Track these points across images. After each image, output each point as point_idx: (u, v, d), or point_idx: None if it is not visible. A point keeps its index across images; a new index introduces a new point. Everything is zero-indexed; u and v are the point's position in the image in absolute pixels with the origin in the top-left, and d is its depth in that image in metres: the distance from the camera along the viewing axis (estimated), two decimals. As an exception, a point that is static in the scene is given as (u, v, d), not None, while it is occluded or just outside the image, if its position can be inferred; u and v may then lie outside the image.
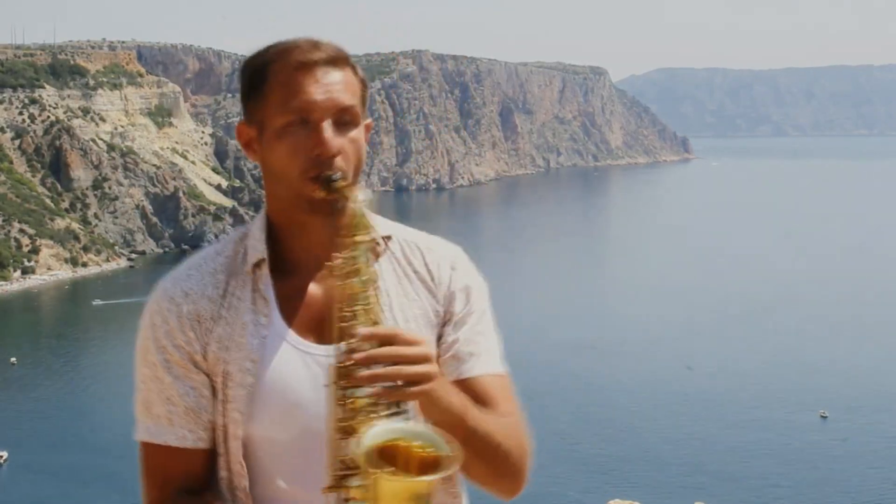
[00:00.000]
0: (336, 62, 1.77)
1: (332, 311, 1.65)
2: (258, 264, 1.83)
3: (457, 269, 1.91)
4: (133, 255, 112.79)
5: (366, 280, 1.64)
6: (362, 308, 1.63)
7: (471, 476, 1.82)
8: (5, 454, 51.10)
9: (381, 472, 1.47)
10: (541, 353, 62.14)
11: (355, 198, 1.68)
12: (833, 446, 51.82)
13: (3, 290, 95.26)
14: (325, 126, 1.73)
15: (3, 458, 50.82)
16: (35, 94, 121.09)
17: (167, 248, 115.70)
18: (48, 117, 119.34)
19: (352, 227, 1.66)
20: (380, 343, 1.58)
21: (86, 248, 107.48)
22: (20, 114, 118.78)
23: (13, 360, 70.59)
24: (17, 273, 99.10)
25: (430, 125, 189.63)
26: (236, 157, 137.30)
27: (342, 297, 1.64)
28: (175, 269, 1.90)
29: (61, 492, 46.30)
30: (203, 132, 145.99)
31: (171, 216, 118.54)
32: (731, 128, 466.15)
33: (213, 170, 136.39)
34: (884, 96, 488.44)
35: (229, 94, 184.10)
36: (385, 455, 1.51)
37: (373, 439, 1.51)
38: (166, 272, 1.88)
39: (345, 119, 1.76)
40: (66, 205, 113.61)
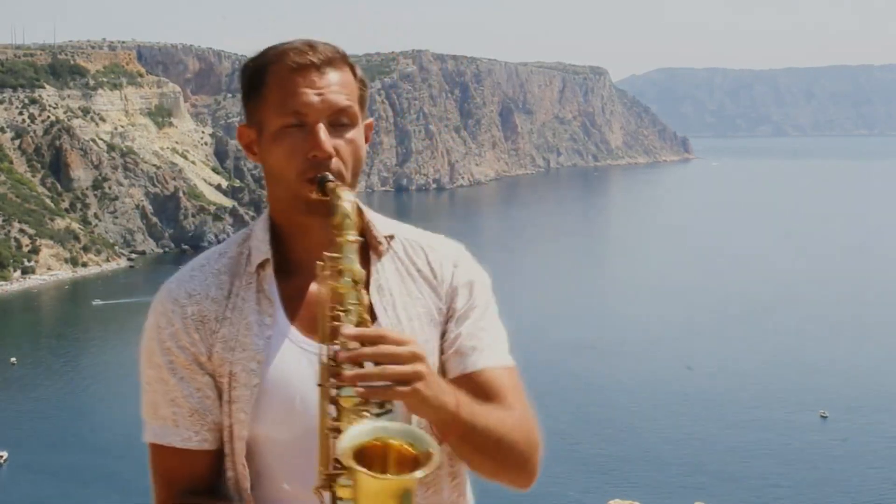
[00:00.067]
0: (333, 63, 1.78)
1: (320, 310, 1.65)
2: (262, 265, 1.84)
3: (459, 266, 1.92)
4: (133, 255, 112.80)
5: (353, 280, 1.64)
6: (350, 308, 1.63)
7: (478, 471, 1.82)
8: (5, 454, 51.10)
9: (361, 471, 1.47)
10: (541, 353, 62.07)
11: (345, 197, 1.69)
12: (833, 446, 51.82)
13: (3, 290, 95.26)
14: (321, 128, 1.75)
15: (3, 458, 50.81)
16: (35, 94, 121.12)
17: (167, 249, 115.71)
18: (48, 117, 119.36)
19: (339, 227, 1.67)
20: (366, 343, 1.58)
21: (86, 248, 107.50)
22: (20, 114, 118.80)
23: (13, 360, 70.59)
24: (17, 273, 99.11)
25: (430, 125, 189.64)
26: (236, 157, 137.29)
27: (330, 296, 1.65)
28: (179, 271, 1.90)
29: (61, 492, 46.29)
30: (203, 132, 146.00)
31: (171, 216, 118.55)
32: (731, 128, 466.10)
33: (213, 170, 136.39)
34: (884, 96, 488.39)
35: (229, 94, 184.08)
36: (367, 454, 1.51)
37: (353, 439, 1.51)
38: (166, 272, 1.93)
39: (341, 120, 1.78)
40: (66, 205, 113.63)
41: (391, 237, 1.90)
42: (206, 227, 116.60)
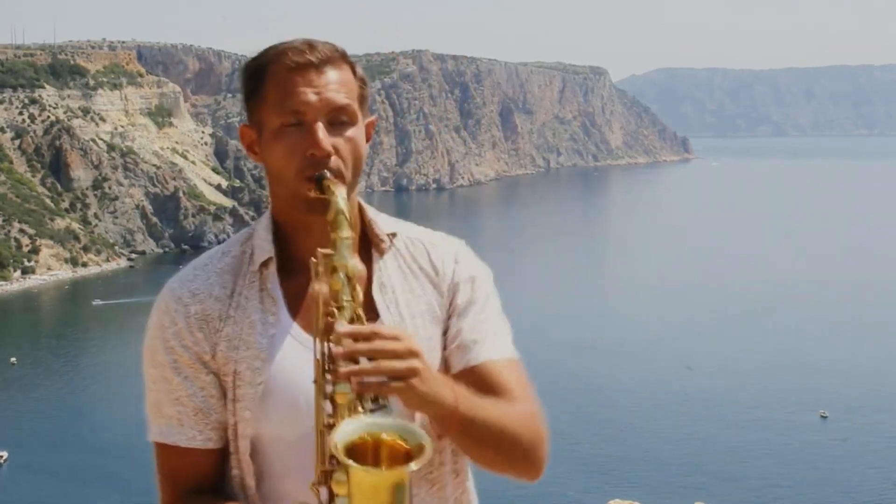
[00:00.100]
0: (332, 62, 1.78)
1: (315, 307, 1.64)
2: (265, 263, 1.84)
3: (460, 262, 1.93)
4: (133, 255, 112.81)
5: (347, 276, 1.64)
6: (344, 304, 1.62)
7: (482, 464, 1.80)
8: (5, 454, 51.11)
9: (353, 466, 1.47)
10: (541, 353, 61.99)
11: (339, 194, 1.69)
12: (833, 446, 51.81)
13: (3, 290, 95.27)
14: (319, 126, 1.75)
15: (3, 458, 50.81)
16: (35, 94, 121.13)
17: (167, 248, 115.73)
18: (48, 117, 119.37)
19: (333, 224, 1.66)
20: (360, 339, 1.58)
21: (86, 248, 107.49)
22: (20, 114, 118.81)
23: (13, 360, 70.59)
24: (17, 273, 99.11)
25: (430, 125, 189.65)
26: (236, 157, 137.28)
27: (325, 293, 1.63)
28: (181, 270, 1.90)
29: (61, 492, 46.28)
30: (203, 132, 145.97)
31: (171, 216, 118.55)
32: (731, 128, 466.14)
33: (213, 170, 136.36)
34: (884, 96, 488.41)
35: (229, 94, 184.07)
36: (361, 449, 1.51)
37: (345, 434, 1.51)
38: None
39: (340, 118, 1.77)
40: (66, 205, 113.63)
41: (393, 235, 1.91)
42: (206, 227, 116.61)
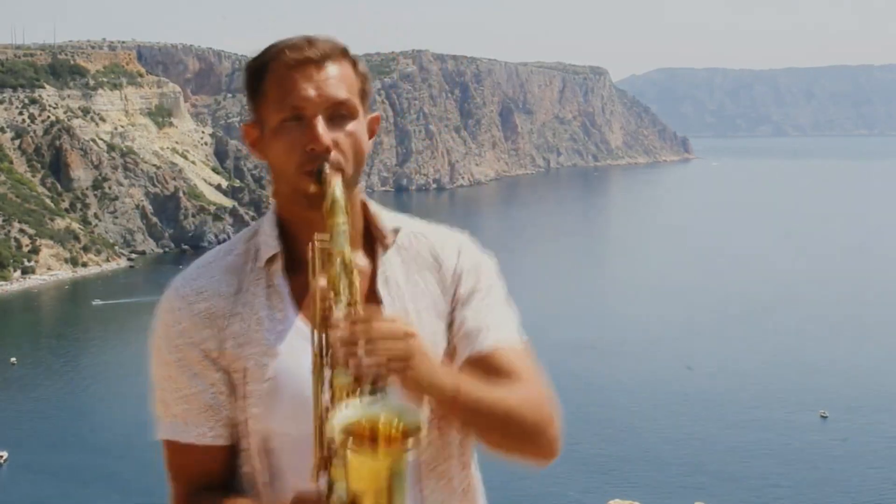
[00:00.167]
0: (332, 57, 1.79)
1: (311, 295, 1.64)
2: (271, 260, 1.84)
3: (463, 253, 1.95)
4: (133, 255, 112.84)
5: (344, 263, 1.64)
6: (341, 292, 1.62)
7: (491, 447, 1.80)
8: (5, 454, 51.11)
9: (349, 449, 1.48)
10: (541, 353, 60.21)
11: (335, 183, 1.70)
12: (833, 446, 51.81)
13: (3, 290, 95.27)
14: (318, 121, 1.75)
15: (3, 458, 50.82)
16: (35, 94, 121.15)
17: (167, 248, 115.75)
18: (48, 117, 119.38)
19: (329, 212, 1.67)
20: (356, 324, 1.57)
21: (86, 248, 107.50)
22: (20, 114, 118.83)
23: (13, 360, 70.60)
24: (17, 273, 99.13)
25: (430, 125, 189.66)
26: (236, 157, 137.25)
27: (322, 282, 1.63)
28: (186, 269, 1.90)
29: (61, 492, 46.29)
30: (203, 132, 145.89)
31: (171, 216, 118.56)
32: (731, 128, 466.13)
33: (213, 170, 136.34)
34: (884, 96, 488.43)
35: (229, 94, 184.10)
36: (357, 433, 1.50)
37: (342, 418, 1.51)
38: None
39: (340, 113, 1.78)
40: (66, 205, 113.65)
41: (397, 230, 1.92)
42: (206, 227, 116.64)
